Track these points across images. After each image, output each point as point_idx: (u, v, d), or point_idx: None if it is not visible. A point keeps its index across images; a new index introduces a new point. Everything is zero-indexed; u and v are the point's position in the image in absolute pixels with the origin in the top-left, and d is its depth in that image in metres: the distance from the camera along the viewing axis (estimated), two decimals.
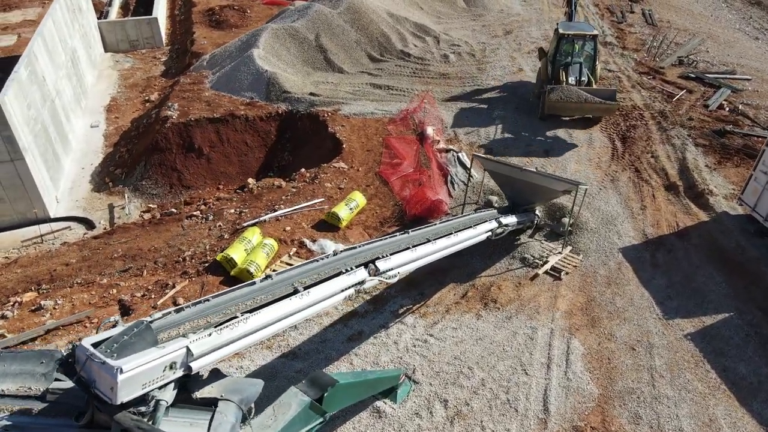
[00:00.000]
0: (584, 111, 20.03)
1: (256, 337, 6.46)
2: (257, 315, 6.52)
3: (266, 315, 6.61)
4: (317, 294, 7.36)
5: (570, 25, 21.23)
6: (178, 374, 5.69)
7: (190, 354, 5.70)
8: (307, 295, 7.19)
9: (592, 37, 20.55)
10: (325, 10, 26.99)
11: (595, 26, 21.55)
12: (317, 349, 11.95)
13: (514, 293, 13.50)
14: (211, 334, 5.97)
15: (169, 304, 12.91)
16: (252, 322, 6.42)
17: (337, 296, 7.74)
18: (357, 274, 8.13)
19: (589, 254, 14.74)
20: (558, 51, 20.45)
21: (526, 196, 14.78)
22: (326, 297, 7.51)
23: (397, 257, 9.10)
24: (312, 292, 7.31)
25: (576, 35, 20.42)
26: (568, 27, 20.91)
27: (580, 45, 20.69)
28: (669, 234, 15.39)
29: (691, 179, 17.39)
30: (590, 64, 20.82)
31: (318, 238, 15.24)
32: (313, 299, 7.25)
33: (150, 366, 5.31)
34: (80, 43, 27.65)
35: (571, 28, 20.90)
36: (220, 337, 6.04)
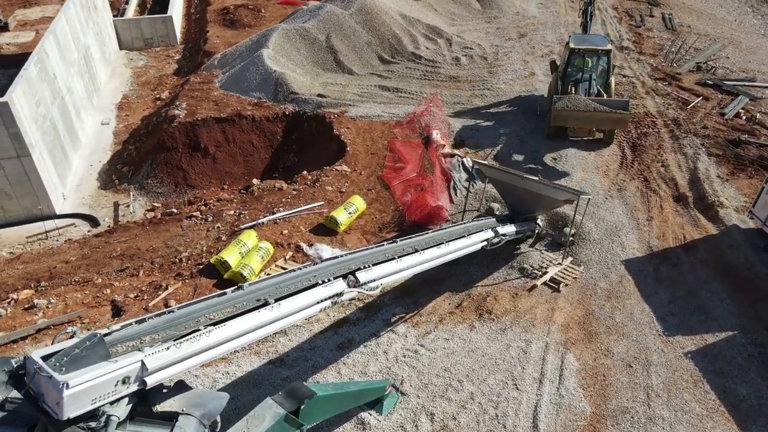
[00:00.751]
0: (593, 122, 18.51)
1: (218, 351, 6.31)
2: (221, 328, 6.36)
3: (231, 328, 6.44)
4: (289, 306, 7.17)
5: (583, 39, 20.07)
6: (132, 389, 5.55)
7: (145, 368, 5.56)
8: (277, 308, 7.01)
9: (605, 52, 19.33)
10: (336, 11, 26.84)
11: (610, 38, 20.20)
12: (305, 356, 11.79)
13: (510, 304, 13.20)
14: (169, 347, 5.82)
15: (161, 306, 12.86)
16: (215, 335, 6.26)
17: (311, 309, 7.56)
18: (334, 286, 7.94)
19: (590, 266, 14.37)
20: (568, 66, 19.45)
21: (527, 204, 14.46)
22: (299, 309, 7.32)
23: (380, 268, 8.88)
24: (283, 304, 7.13)
25: (588, 50, 19.27)
26: (580, 40, 19.75)
27: (592, 60, 19.55)
28: (675, 247, 14.95)
29: (702, 190, 16.89)
30: (603, 80, 19.66)
31: (315, 243, 15.10)
32: (283, 312, 7.07)
33: (100, 381, 5.18)
34: (94, 41, 27.88)
35: (584, 41, 19.70)
36: (179, 351, 5.89)
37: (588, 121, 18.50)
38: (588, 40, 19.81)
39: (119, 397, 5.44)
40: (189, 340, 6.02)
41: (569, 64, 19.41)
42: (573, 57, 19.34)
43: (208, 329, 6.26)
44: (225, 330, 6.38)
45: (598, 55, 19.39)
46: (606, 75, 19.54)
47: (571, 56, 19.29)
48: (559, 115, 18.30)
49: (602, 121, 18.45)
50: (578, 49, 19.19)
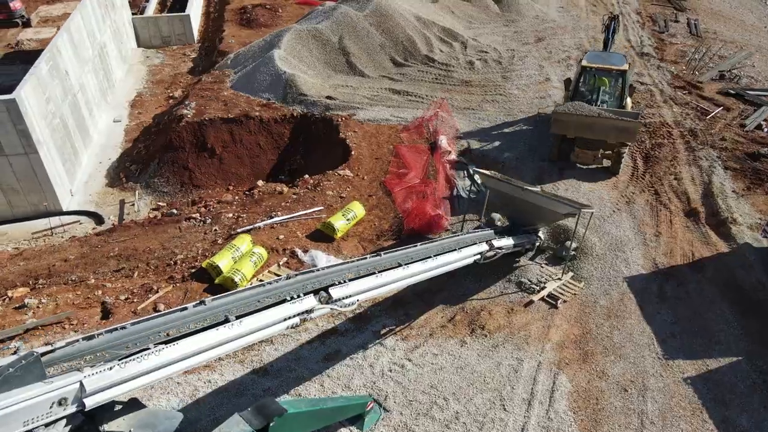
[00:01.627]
0: (597, 131, 16.88)
1: (167, 371, 6.08)
2: (172, 347, 6.14)
3: (183, 347, 6.21)
4: (251, 324, 6.93)
5: (598, 56, 18.61)
6: (70, 411, 5.36)
7: (84, 390, 5.36)
8: (238, 326, 6.77)
9: (620, 73, 17.85)
10: (350, 12, 26.61)
11: (627, 58, 18.55)
12: (290, 366, 11.56)
13: (504, 320, 12.80)
14: (112, 367, 5.62)
15: (149, 310, 12.77)
16: (165, 354, 6.04)
17: (276, 326, 7.30)
18: (304, 302, 7.67)
19: (591, 282, 13.88)
20: (578, 85, 18.21)
21: (527, 216, 14.04)
22: (262, 327, 7.07)
23: (357, 283, 8.58)
24: (245, 321, 6.89)
25: (600, 69, 17.94)
26: (594, 58, 18.41)
27: (606, 80, 18.20)
28: (682, 264, 14.37)
29: (715, 205, 16.25)
30: (617, 102, 18.14)
31: (310, 249, 14.87)
32: (245, 329, 6.83)
33: (31, 402, 4.99)
34: (111, 39, 28.10)
35: (597, 59, 18.30)
36: (123, 370, 5.69)
37: (591, 130, 16.91)
38: (603, 58, 18.36)
39: (55, 419, 5.25)
40: (136, 359, 5.81)
41: (579, 83, 18.23)
42: (585, 75, 18.16)
43: (157, 348, 6.04)
44: (176, 349, 6.15)
45: (612, 75, 18.04)
46: (620, 97, 18.06)
47: (583, 74, 18.12)
48: (560, 121, 17.07)
49: (607, 130, 16.75)
50: (590, 68, 17.97)
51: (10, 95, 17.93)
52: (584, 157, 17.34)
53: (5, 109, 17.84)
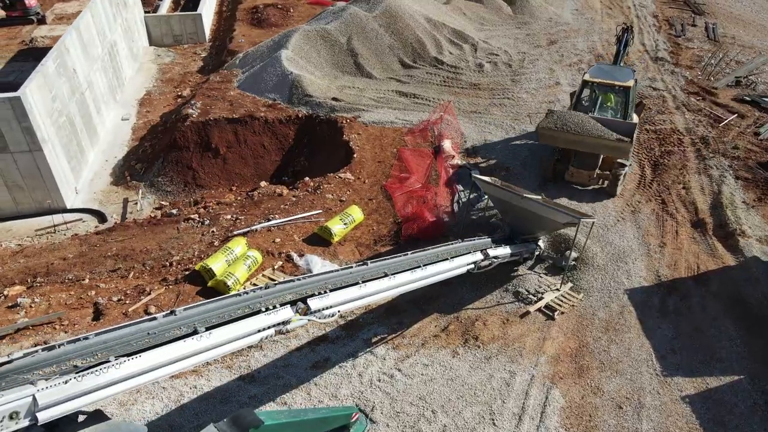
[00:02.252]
0: (587, 146, 15.91)
1: (128, 385, 5.91)
2: (134, 360, 5.99)
3: (146, 360, 6.06)
4: (221, 336, 6.76)
5: (602, 70, 17.41)
6: (23, 425, 5.23)
7: (36, 403, 5.22)
8: (207, 338, 6.60)
9: (624, 89, 16.59)
10: (360, 13, 26.42)
11: (634, 73, 17.44)
12: (278, 374, 11.40)
13: (499, 331, 12.52)
14: (68, 381, 5.48)
15: (140, 312, 12.70)
16: (126, 368, 5.89)
17: (249, 338, 7.12)
18: (279, 314, 7.49)
19: (590, 293, 13.54)
20: (579, 101, 17.13)
21: (526, 225, 13.74)
22: (233, 339, 6.90)
23: (339, 294, 8.38)
24: (215, 333, 6.73)
25: (602, 84, 16.81)
26: (598, 72, 17.24)
27: (608, 96, 17.05)
28: (686, 277, 13.96)
29: (723, 216, 15.78)
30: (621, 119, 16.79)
31: (306, 253, 14.71)
32: (214, 342, 6.66)
33: None
34: (122, 37, 28.22)
35: (601, 74, 17.11)
36: (80, 384, 5.54)
37: (580, 145, 15.97)
38: (608, 73, 17.19)
39: None
40: (94, 372, 5.67)
41: (580, 98, 17.17)
42: (585, 90, 17.15)
43: (118, 361, 5.89)
44: (138, 362, 5.99)
45: (615, 91, 16.86)
46: (624, 114, 16.76)
47: (584, 89, 17.12)
48: (545, 134, 16.24)
49: (595, 148, 15.84)
50: (591, 82, 16.94)
51: (15, 93, 18.04)
52: (579, 177, 16.45)
53: (10, 107, 17.94)
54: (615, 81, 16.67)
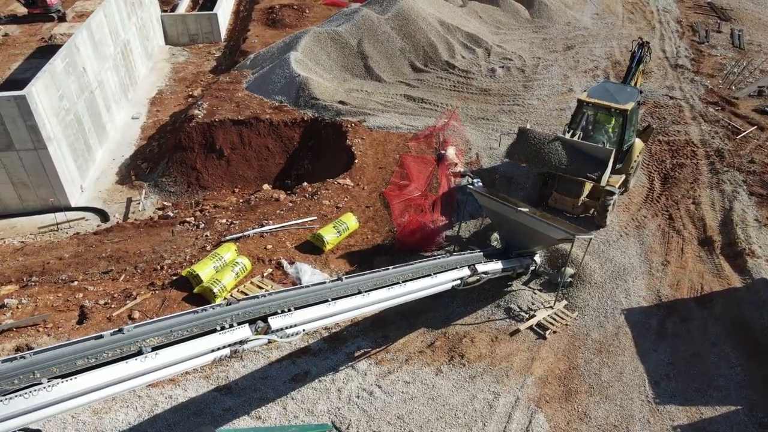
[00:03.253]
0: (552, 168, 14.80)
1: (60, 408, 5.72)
2: (69, 382, 5.79)
3: (82, 382, 5.86)
4: (168, 357, 6.53)
5: (604, 89, 15.74)
6: None
7: None
8: (152, 358, 6.38)
9: (621, 112, 14.96)
10: (372, 16, 26.13)
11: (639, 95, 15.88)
12: (255, 386, 11.19)
13: (486, 349, 12.12)
14: None
15: (124, 318, 12.61)
16: (59, 390, 5.69)
17: (199, 359, 6.88)
18: (236, 333, 7.24)
19: (586, 312, 13.05)
20: (573, 121, 15.72)
21: (521, 239, 13.30)
22: (182, 360, 6.67)
23: (304, 312, 8.10)
24: (162, 353, 6.51)
25: (598, 105, 15.24)
26: (596, 92, 15.63)
27: (604, 118, 15.69)
28: (688, 298, 13.37)
29: (732, 235, 15.11)
30: (617, 145, 15.29)
31: (297, 261, 14.49)
32: (160, 363, 6.44)
33: None
34: (136, 36, 28.40)
35: (601, 93, 15.50)
36: (7, 407, 5.35)
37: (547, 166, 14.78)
38: (608, 92, 15.51)
39: None
40: (23, 395, 5.48)
41: (575, 119, 15.74)
42: (580, 111, 15.66)
43: (51, 383, 5.70)
44: (73, 384, 5.79)
45: (611, 114, 15.34)
46: (620, 139, 15.28)
47: (578, 110, 15.65)
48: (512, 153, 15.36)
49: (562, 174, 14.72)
50: (587, 102, 15.37)
51: (20, 92, 18.18)
52: (563, 203, 15.29)
53: (15, 105, 18.08)
54: (611, 103, 15.06)
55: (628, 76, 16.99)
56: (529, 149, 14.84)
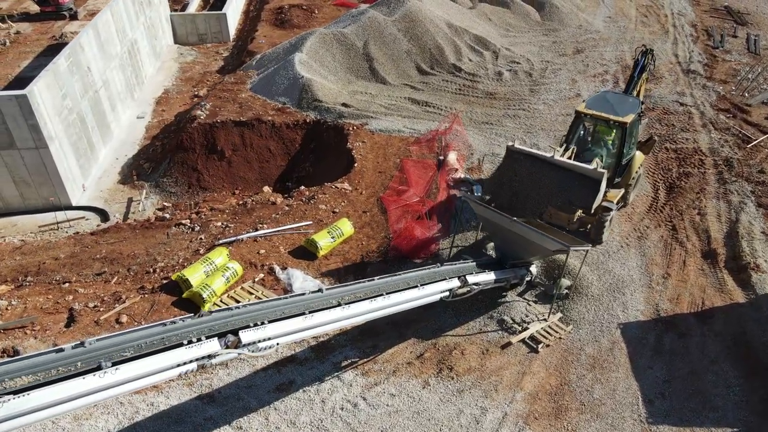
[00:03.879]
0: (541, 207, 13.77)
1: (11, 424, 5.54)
2: (20, 399, 5.62)
3: (34, 399, 5.69)
4: (130, 372, 6.36)
5: (602, 100, 14.88)
6: None
7: None
8: (112, 374, 6.22)
9: (619, 125, 14.14)
10: (379, 17, 25.89)
11: (640, 105, 15.09)
12: (239, 394, 11.02)
13: (476, 362, 11.84)
14: None
15: (111, 322, 12.53)
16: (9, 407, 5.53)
17: (163, 374, 6.69)
18: (203, 347, 7.06)
19: (581, 326, 12.71)
20: (570, 132, 14.86)
21: (516, 249, 12.98)
22: (144, 375, 6.49)
23: (278, 326, 7.88)
24: (123, 368, 6.34)
25: (597, 117, 14.37)
26: (596, 103, 14.75)
27: (602, 131, 14.89)
28: (688, 313, 12.98)
29: (738, 247, 14.67)
30: (613, 160, 14.55)
31: (290, 266, 14.31)
32: (120, 378, 6.26)
33: None
34: (144, 35, 28.45)
35: (599, 104, 14.62)
36: None
37: (529, 211, 13.49)
38: (609, 103, 14.64)
39: None
40: None
41: (572, 130, 14.85)
42: (577, 123, 14.78)
43: (2, 399, 5.53)
44: (25, 401, 5.63)
45: (609, 126, 14.52)
46: (619, 153, 14.49)
47: (575, 121, 14.76)
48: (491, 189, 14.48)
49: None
50: (584, 114, 14.49)
51: (22, 91, 18.22)
52: (557, 218, 14.08)
53: (17, 105, 18.12)
54: (610, 114, 14.20)
55: (630, 85, 16.30)
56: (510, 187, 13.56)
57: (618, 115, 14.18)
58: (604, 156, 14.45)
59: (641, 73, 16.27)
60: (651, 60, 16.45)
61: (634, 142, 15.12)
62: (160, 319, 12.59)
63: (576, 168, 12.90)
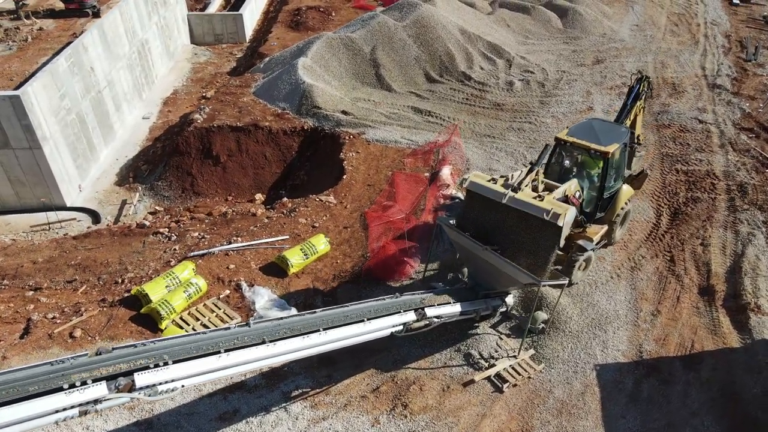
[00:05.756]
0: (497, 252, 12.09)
1: None
2: None
3: None
4: None
5: (588, 128, 13.58)
6: None
7: None
8: None
9: (601, 155, 12.85)
10: (389, 22, 25.21)
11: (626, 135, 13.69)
12: (179, 422, 10.56)
13: (435, 399, 11.10)
14: None
15: (65, 335, 12.23)
16: None
17: (37, 421, 6.22)
18: (86, 393, 6.55)
19: (553, 365, 11.81)
20: (551, 160, 13.68)
21: (488, 279, 12.17)
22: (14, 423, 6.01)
23: (183, 367, 7.33)
24: None
25: (577, 145, 13.12)
26: (579, 130, 13.51)
27: (583, 161, 13.63)
28: (674, 357, 11.94)
29: (739, 285, 13.49)
30: (595, 193, 13.39)
31: (258, 283, 13.81)
32: None
33: None
34: (157, 35, 28.44)
35: (581, 132, 13.38)
36: None
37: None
38: (594, 131, 13.38)
39: None
40: None
41: (552, 157, 13.70)
42: (557, 150, 13.64)
43: None
44: None
45: (591, 156, 13.23)
46: (600, 186, 13.26)
47: (555, 148, 13.61)
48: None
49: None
50: (563, 141, 13.36)
51: (15, 91, 18.23)
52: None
53: (10, 105, 18.13)
54: (592, 143, 12.92)
55: (621, 113, 14.90)
56: (476, 225, 12.05)
57: (600, 144, 12.90)
58: (586, 188, 13.22)
59: (635, 101, 14.90)
60: (647, 88, 15.11)
61: (619, 175, 13.80)
62: (115, 335, 12.31)
63: (532, 207, 11.22)
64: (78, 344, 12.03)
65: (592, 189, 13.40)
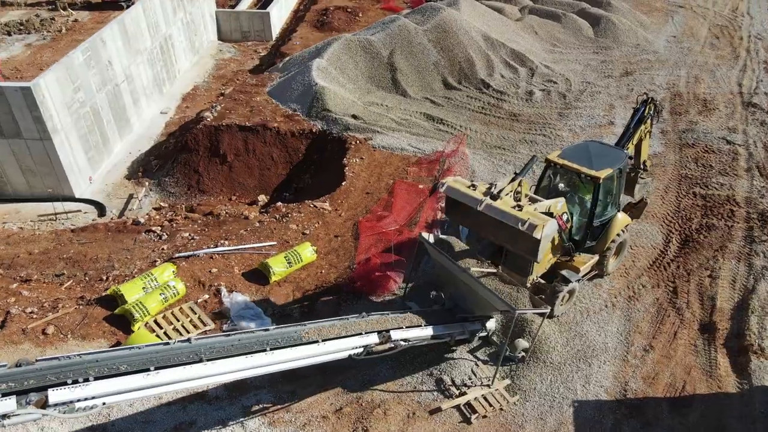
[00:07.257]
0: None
1: None
2: None
3: None
4: None
5: (582, 150, 12.68)
6: None
7: None
8: None
9: (591, 179, 11.96)
10: (410, 26, 24.72)
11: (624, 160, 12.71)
12: (133, 429, 10.37)
13: (398, 426, 10.59)
14: None
15: (38, 331, 12.22)
16: None
17: None
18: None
19: (529, 397, 11.15)
20: (541, 182, 13.07)
21: (466, 302, 11.59)
22: None
23: (106, 383, 7.05)
24: None
25: (566, 167, 12.28)
26: (572, 152, 12.64)
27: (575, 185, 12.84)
28: (662, 398, 11.11)
29: (744, 324, 12.51)
30: (585, 220, 12.56)
31: (239, 289, 13.57)
32: None
33: None
34: (182, 30, 28.66)
35: (574, 154, 12.48)
36: None
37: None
38: (585, 155, 12.44)
39: None
40: None
41: (542, 180, 13.05)
42: (548, 172, 12.91)
43: None
44: None
45: (582, 181, 12.48)
46: (591, 212, 12.34)
47: (546, 170, 12.91)
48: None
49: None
50: (553, 163, 12.56)
51: (27, 83, 18.51)
52: (511, 279, 12.51)
53: (21, 96, 18.42)
54: (582, 167, 12.03)
55: (624, 137, 13.85)
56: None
57: (592, 169, 11.98)
58: (575, 214, 12.41)
59: (639, 124, 13.87)
60: (652, 111, 14.03)
61: (612, 202, 12.85)
62: (87, 335, 12.23)
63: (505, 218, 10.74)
64: (49, 342, 12.01)
65: (582, 215, 12.56)
